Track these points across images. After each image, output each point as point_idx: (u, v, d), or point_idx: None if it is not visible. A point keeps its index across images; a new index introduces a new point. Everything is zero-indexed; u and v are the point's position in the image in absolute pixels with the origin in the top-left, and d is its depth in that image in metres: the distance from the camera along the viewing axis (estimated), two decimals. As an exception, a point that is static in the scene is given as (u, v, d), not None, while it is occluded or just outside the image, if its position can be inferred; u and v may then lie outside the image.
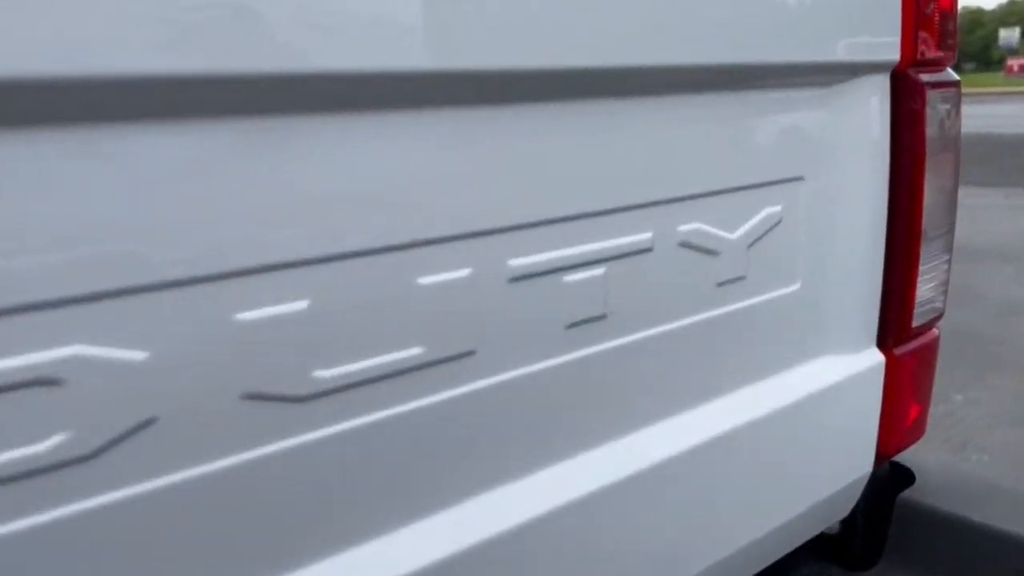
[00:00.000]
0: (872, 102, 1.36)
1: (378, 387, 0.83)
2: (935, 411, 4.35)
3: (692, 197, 1.14)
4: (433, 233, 0.86)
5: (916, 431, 1.55)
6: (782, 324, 1.32)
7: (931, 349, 1.54)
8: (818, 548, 1.57)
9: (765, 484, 1.31)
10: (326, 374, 0.79)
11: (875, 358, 1.44)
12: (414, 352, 0.86)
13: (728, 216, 1.21)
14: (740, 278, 1.23)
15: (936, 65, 1.43)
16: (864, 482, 1.49)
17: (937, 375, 1.55)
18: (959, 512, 1.42)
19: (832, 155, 1.33)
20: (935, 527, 1.43)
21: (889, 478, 1.58)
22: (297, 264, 0.76)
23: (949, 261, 1.53)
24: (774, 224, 1.27)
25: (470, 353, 0.91)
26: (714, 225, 1.18)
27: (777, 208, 1.27)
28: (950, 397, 4.49)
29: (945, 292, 1.54)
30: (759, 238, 1.25)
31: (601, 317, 1.05)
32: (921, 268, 1.44)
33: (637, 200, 1.07)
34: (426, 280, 0.86)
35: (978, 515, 1.39)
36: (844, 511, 1.51)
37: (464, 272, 0.89)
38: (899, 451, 1.55)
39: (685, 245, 1.14)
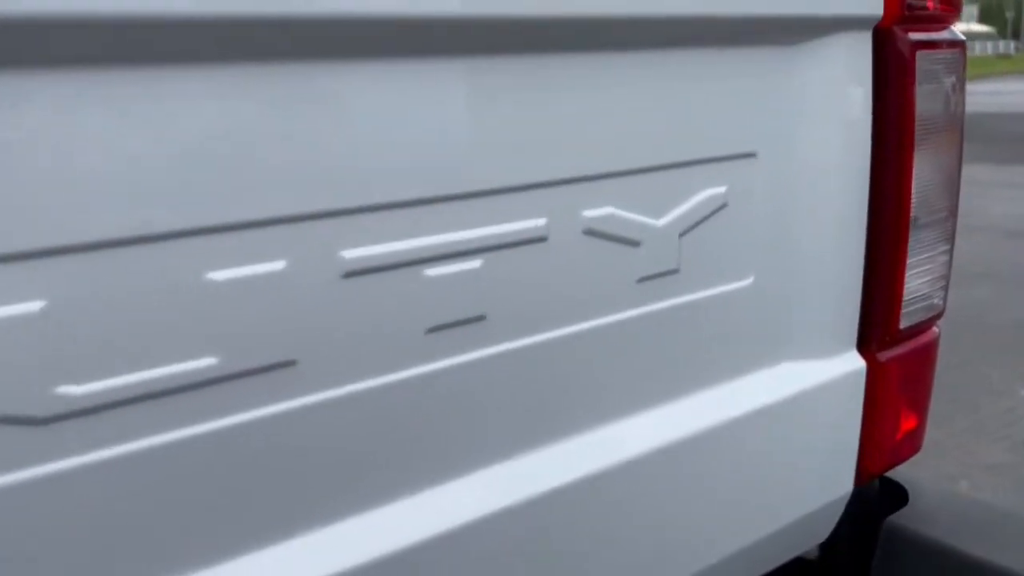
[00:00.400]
0: (847, 66, 1.16)
1: (146, 407, 0.70)
2: (997, 406, 4.05)
3: (603, 176, 0.97)
4: (227, 218, 0.72)
5: (909, 445, 1.36)
6: (729, 325, 1.14)
7: (927, 352, 1.34)
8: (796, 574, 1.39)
9: (710, 509, 1.14)
10: (73, 391, 0.66)
11: (853, 364, 1.25)
12: (203, 363, 0.72)
13: (653, 199, 1.03)
14: (670, 272, 1.06)
15: (932, 22, 1.22)
16: (843, 504, 1.30)
17: (1002, 368, 1.34)
18: (953, 543, 1.23)
19: (795, 128, 1.14)
20: (924, 558, 1.24)
21: (878, 498, 1.39)
22: (22, 257, 0.63)
23: (950, 252, 1.32)
24: (716, 208, 1.09)
25: (289, 364, 0.77)
26: (633, 210, 1.01)
27: (721, 190, 1.09)
28: (1015, 391, 4.18)
29: (945, 287, 1.34)
30: (695, 225, 1.07)
31: (477, 319, 0.90)
32: (910, 260, 1.24)
33: (525, 180, 0.91)
34: (218, 276, 0.72)
35: (977, 548, 1.20)
36: (820, 535, 1.33)
37: (276, 265, 0.75)
38: (888, 468, 1.36)
39: (593, 233, 0.98)
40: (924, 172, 1.22)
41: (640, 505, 1.06)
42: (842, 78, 1.16)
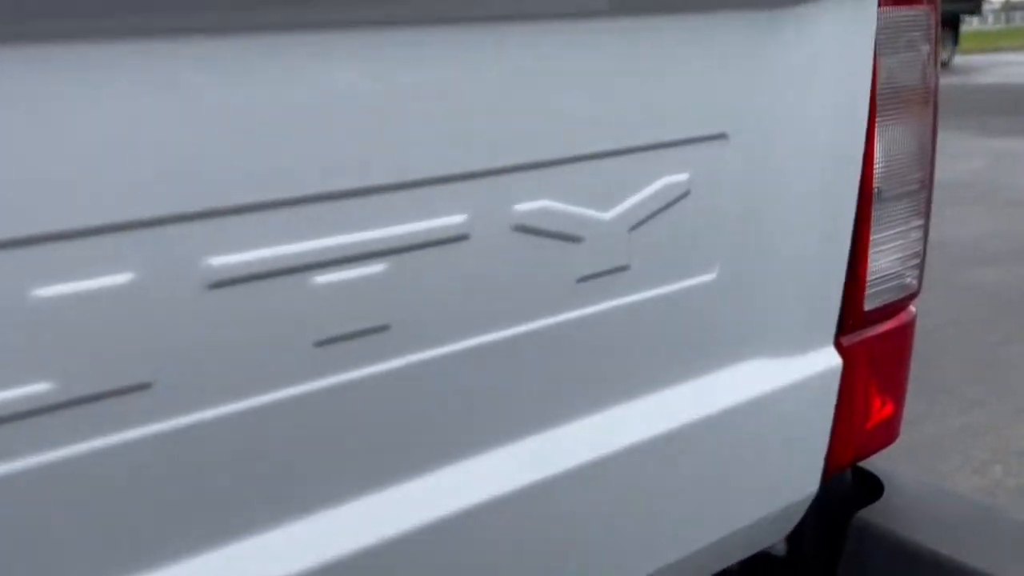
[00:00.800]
0: (843, 32, 1.05)
1: None
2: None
3: (537, 166, 0.87)
4: (58, 226, 0.64)
5: (883, 435, 1.26)
6: (687, 323, 1.05)
7: (900, 335, 1.25)
8: (762, 571, 1.32)
9: (660, 511, 1.07)
10: None
11: (829, 361, 1.15)
12: (34, 390, 0.65)
13: (600, 190, 0.92)
14: (618, 269, 0.96)
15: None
16: (807, 503, 1.22)
17: None
18: (923, 541, 1.14)
19: (775, 105, 1.03)
20: (893, 556, 1.15)
21: (849, 491, 1.30)
22: None
23: (923, 227, 1.22)
24: (677, 198, 0.99)
25: (143, 387, 0.70)
26: (574, 202, 0.90)
27: (682, 177, 0.98)
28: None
29: (919, 265, 1.24)
30: (650, 216, 0.97)
31: (379, 329, 0.81)
32: (874, 237, 1.15)
33: (439, 172, 0.81)
34: (47, 292, 0.64)
35: (950, 547, 1.11)
36: (782, 533, 1.25)
37: (122, 277, 0.67)
38: (857, 460, 1.27)
39: (524, 230, 0.87)
40: (889, 142, 1.13)
41: (585, 511, 0.99)
42: (837, 46, 1.05)
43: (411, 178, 0.79)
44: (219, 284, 0.71)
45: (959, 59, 19.77)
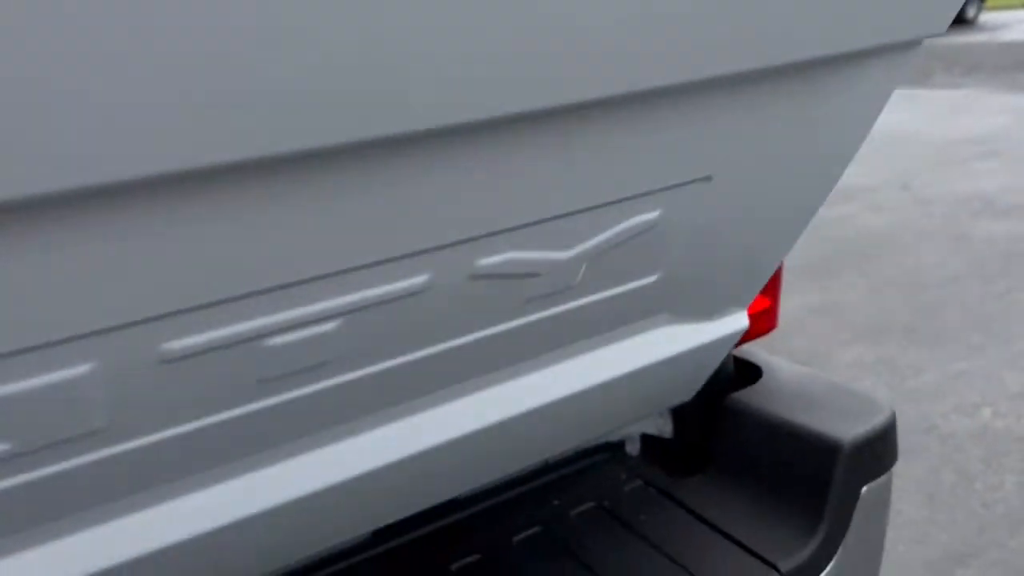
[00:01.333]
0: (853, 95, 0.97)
1: None
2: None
3: (506, 231, 0.83)
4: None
5: (763, 323, 1.33)
6: (619, 312, 1.11)
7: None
8: (650, 453, 1.39)
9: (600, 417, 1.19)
10: None
11: (740, 323, 1.23)
12: None
13: (568, 237, 0.90)
14: (566, 288, 0.98)
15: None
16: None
17: None
18: (777, 411, 1.21)
19: (759, 151, 0.97)
20: (758, 427, 1.21)
21: (730, 377, 1.35)
22: None
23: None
24: (642, 232, 0.97)
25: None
26: (538, 249, 0.88)
27: (653, 215, 0.95)
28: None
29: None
30: (609, 249, 0.96)
31: (323, 364, 0.86)
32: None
33: (405, 251, 0.78)
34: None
35: (800, 418, 1.17)
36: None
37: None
38: (738, 346, 1.33)
39: (484, 276, 0.87)
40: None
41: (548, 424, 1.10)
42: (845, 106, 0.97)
43: (376, 259, 0.77)
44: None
45: (985, 16, 19.26)
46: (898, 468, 2.98)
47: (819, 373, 1.24)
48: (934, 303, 4.21)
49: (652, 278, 1.07)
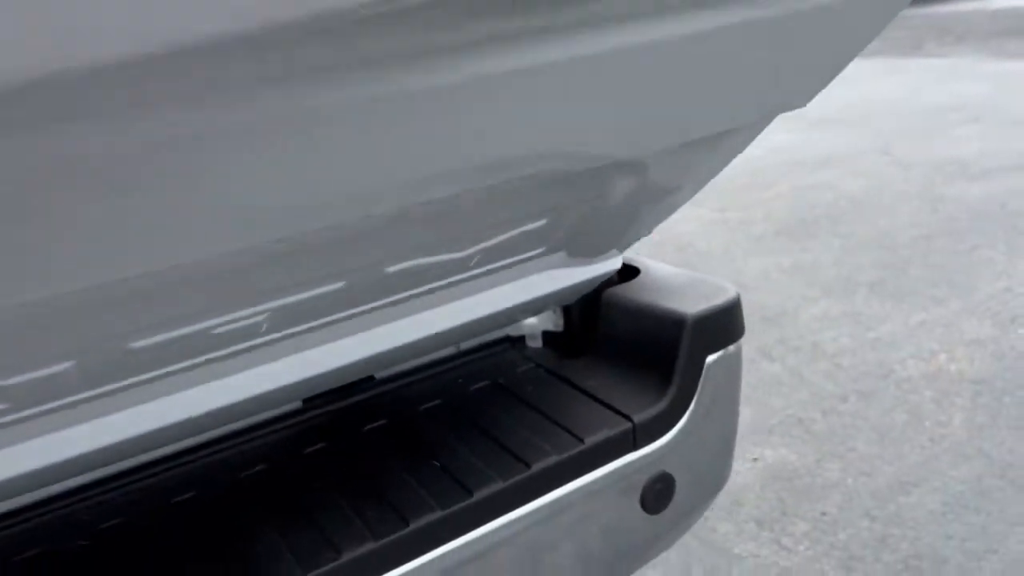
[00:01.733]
0: None
1: None
2: (994, 287, 4.02)
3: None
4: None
5: None
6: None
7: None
8: (547, 344, 1.58)
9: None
10: None
11: (615, 263, 1.44)
12: None
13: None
14: (462, 269, 1.24)
15: None
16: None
17: (1010, 252, 1.45)
18: (640, 298, 1.39)
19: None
20: (629, 313, 1.40)
21: (614, 277, 1.52)
22: None
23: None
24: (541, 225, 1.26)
25: None
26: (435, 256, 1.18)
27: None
28: (1017, 272, 4.11)
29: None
30: (503, 242, 1.25)
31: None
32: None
33: None
34: None
35: (659, 300, 1.35)
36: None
37: None
38: None
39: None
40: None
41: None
42: None
43: None
44: None
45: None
46: (853, 408, 3.17)
47: (688, 271, 1.40)
48: (903, 260, 4.37)
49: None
